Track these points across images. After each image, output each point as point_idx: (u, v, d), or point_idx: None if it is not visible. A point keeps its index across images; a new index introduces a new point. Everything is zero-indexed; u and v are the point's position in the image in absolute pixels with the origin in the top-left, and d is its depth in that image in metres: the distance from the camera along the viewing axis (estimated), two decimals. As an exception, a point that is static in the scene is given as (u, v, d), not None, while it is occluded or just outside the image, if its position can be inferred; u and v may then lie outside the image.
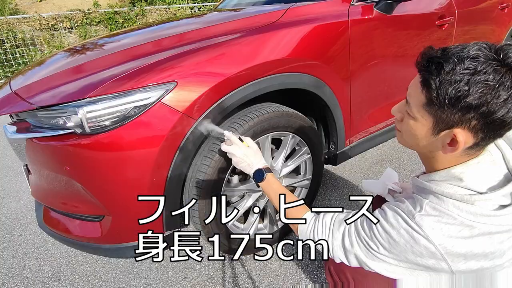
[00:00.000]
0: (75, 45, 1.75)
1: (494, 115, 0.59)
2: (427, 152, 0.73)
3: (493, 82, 0.57)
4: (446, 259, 0.66)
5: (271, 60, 1.28)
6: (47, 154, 1.14)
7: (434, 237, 0.65)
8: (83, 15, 7.39)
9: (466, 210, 0.64)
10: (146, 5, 8.32)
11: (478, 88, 0.57)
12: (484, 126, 0.61)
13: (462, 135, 0.63)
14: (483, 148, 0.68)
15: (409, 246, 0.69)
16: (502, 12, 2.59)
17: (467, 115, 0.60)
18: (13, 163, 2.80)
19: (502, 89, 0.57)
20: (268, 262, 1.52)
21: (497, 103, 0.57)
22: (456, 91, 0.59)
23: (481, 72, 0.57)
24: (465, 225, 0.64)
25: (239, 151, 1.08)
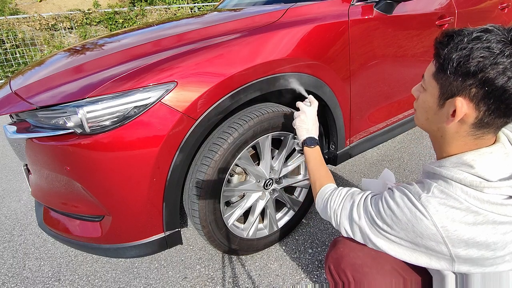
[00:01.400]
0: (75, 45, 1.75)
1: (493, 83, 0.59)
2: (436, 130, 0.73)
3: (494, 50, 0.58)
4: (446, 243, 0.66)
5: (271, 60, 1.28)
6: (47, 154, 1.14)
7: (437, 219, 0.65)
8: (83, 15, 7.39)
9: (473, 196, 0.64)
10: (146, 5, 8.32)
11: (478, 54, 0.59)
12: (484, 96, 0.61)
13: (462, 103, 0.64)
14: (491, 132, 0.67)
15: (410, 225, 0.69)
16: (502, 12, 2.58)
17: (467, 81, 0.62)
18: (13, 163, 2.80)
19: (501, 57, 0.58)
20: (268, 262, 1.52)
21: (496, 70, 0.58)
22: (458, 56, 0.62)
23: (485, 41, 0.60)
24: (471, 211, 0.64)
25: (310, 113, 1.19)
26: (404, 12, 1.74)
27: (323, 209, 0.95)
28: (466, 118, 0.65)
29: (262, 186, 1.45)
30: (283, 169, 1.50)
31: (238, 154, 1.27)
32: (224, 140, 1.23)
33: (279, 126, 1.36)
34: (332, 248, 0.98)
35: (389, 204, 0.74)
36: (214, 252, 1.60)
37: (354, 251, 0.93)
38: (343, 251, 0.94)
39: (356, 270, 0.88)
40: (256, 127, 1.29)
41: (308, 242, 1.63)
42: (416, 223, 0.68)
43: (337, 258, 0.94)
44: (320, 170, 1.06)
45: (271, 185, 1.49)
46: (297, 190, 1.68)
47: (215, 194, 1.27)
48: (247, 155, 1.33)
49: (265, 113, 1.31)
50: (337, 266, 0.92)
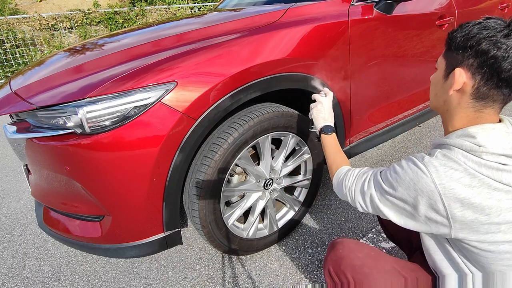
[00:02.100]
0: (75, 45, 1.75)
1: (486, 54, 0.69)
2: (443, 104, 0.82)
3: (490, 29, 0.70)
4: (443, 200, 0.69)
5: (271, 60, 1.28)
6: (47, 154, 1.14)
7: (436, 176, 0.70)
8: (83, 15, 7.39)
9: (472, 160, 0.70)
10: (146, 5, 8.31)
11: (476, 31, 0.71)
12: (479, 66, 0.71)
13: (460, 72, 0.74)
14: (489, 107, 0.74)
15: (412, 183, 0.73)
16: (502, 12, 2.59)
17: (466, 53, 0.73)
18: (13, 163, 2.80)
19: (495, 32, 0.69)
20: (268, 262, 1.52)
21: (489, 43, 0.69)
22: (461, 35, 0.74)
23: (484, 23, 0.71)
24: (468, 173, 0.69)
25: (326, 103, 1.25)
26: (404, 12, 1.74)
27: (339, 189, 0.99)
28: (465, 87, 0.74)
29: (262, 186, 1.45)
30: (283, 169, 1.50)
31: (238, 154, 1.28)
32: (224, 140, 1.23)
33: (279, 126, 1.36)
34: (331, 250, 0.98)
35: (395, 169, 0.80)
36: (214, 252, 1.61)
37: (353, 252, 0.93)
38: (342, 253, 0.94)
39: (356, 271, 0.88)
40: (256, 127, 1.29)
41: (308, 242, 1.63)
42: (417, 181, 0.72)
43: (336, 259, 0.94)
44: (337, 155, 1.11)
45: (271, 185, 1.49)
46: (297, 190, 1.68)
47: (215, 194, 1.27)
48: (247, 155, 1.33)
49: (265, 113, 1.31)
50: (337, 268, 0.92)
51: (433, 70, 2.06)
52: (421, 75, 2.01)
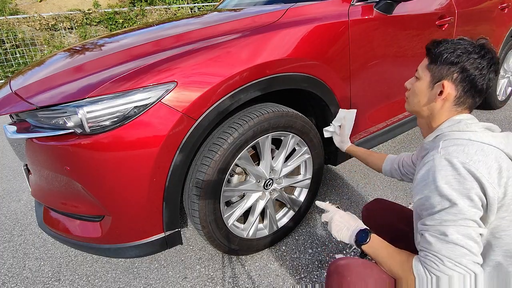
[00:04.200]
0: (75, 45, 1.75)
1: (468, 70, 0.86)
2: (425, 109, 0.94)
3: (469, 48, 0.87)
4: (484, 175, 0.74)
5: (271, 61, 1.28)
6: (47, 154, 1.14)
7: (462, 156, 0.76)
8: (83, 15, 7.39)
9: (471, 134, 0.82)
10: (146, 5, 8.31)
11: (459, 49, 0.87)
12: (462, 80, 0.87)
13: (447, 85, 0.88)
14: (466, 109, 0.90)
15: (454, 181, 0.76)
16: (502, 12, 2.59)
17: (451, 68, 0.88)
18: (13, 163, 2.80)
19: (472, 54, 0.86)
20: (268, 262, 1.52)
21: (469, 62, 0.86)
22: (447, 51, 0.89)
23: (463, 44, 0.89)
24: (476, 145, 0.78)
25: (336, 215, 1.04)
26: (404, 12, 1.74)
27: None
28: (448, 96, 0.89)
29: (262, 186, 1.45)
30: (283, 169, 1.50)
31: (238, 154, 1.28)
32: (224, 140, 1.23)
33: (279, 126, 1.36)
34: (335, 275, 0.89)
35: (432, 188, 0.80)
36: (214, 252, 1.61)
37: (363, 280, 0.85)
38: (350, 280, 0.86)
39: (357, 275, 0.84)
40: (256, 127, 1.29)
41: (308, 242, 1.63)
42: (460, 179, 0.75)
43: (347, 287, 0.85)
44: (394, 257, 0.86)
45: (271, 185, 1.49)
46: (297, 190, 1.68)
47: (215, 194, 1.27)
48: (247, 155, 1.33)
49: (265, 113, 1.31)
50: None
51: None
52: (421, 75, 2.01)
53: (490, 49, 0.88)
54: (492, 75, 0.87)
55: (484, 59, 0.85)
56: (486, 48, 0.87)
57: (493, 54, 0.87)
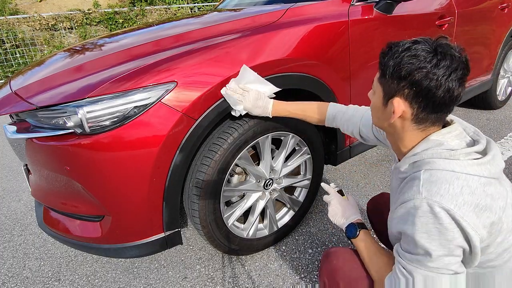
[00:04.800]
0: (75, 45, 1.75)
1: (419, 84, 0.72)
2: (387, 127, 0.84)
3: (420, 57, 0.71)
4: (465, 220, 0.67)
5: (271, 61, 1.29)
6: (47, 154, 1.14)
7: (446, 202, 0.68)
8: (83, 15, 7.39)
9: (455, 164, 0.72)
10: (146, 5, 8.31)
11: (407, 60, 0.72)
12: (415, 95, 0.73)
13: (398, 102, 0.76)
14: (432, 125, 0.77)
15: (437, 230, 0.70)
16: (502, 12, 2.59)
17: (401, 83, 0.74)
18: (13, 163, 2.80)
19: (425, 63, 0.71)
20: (268, 262, 1.52)
21: (421, 74, 0.71)
22: (394, 63, 0.75)
23: (413, 50, 0.73)
24: (462, 180, 0.70)
25: (334, 200, 1.09)
26: (404, 12, 1.74)
27: None
28: (404, 115, 0.77)
29: (262, 186, 1.45)
30: (283, 169, 1.50)
31: (238, 154, 1.27)
32: (224, 140, 1.23)
33: (279, 126, 1.36)
34: (325, 261, 0.97)
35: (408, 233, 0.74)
36: (214, 252, 1.60)
37: (348, 263, 0.91)
38: (336, 264, 0.93)
39: (351, 284, 0.87)
40: (256, 127, 1.29)
41: (308, 242, 1.63)
42: (441, 229, 0.68)
43: (331, 271, 0.93)
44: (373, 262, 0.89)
45: (271, 185, 1.49)
46: (297, 190, 1.68)
47: (215, 194, 1.27)
48: (247, 155, 1.33)
49: (265, 113, 1.31)
50: (331, 279, 0.91)
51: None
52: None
53: (448, 52, 0.71)
54: (455, 83, 0.70)
55: (439, 67, 0.70)
56: (443, 52, 0.71)
57: (453, 57, 0.71)
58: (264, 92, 1.22)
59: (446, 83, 0.70)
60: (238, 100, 1.18)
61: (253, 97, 1.18)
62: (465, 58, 0.73)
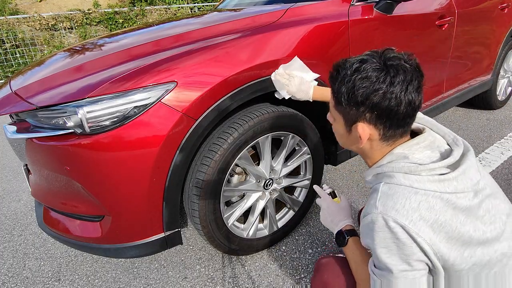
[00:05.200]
0: (75, 45, 1.75)
1: (379, 106, 0.69)
2: (356, 149, 0.82)
3: (372, 78, 0.68)
4: (417, 236, 0.65)
5: (271, 61, 1.28)
6: (47, 154, 1.14)
7: (400, 218, 0.66)
8: (83, 15, 7.39)
9: (414, 180, 0.70)
10: (146, 5, 8.31)
11: (360, 85, 0.69)
12: (378, 117, 0.71)
13: (362, 127, 0.74)
14: (399, 137, 0.76)
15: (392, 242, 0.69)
16: (502, 12, 2.58)
17: (360, 109, 0.72)
18: (13, 163, 2.80)
19: (379, 84, 0.68)
20: (268, 262, 1.52)
21: (378, 96, 0.68)
22: (346, 90, 0.72)
23: (363, 71, 0.69)
24: (420, 195, 0.68)
25: (323, 203, 1.06)
26: (404, 12, 1.74)
27: None
28: (372, 137, 0.75)
29: (262, 186, 1.45)
30: (283, 169, 1.50)
31: (238, 154, 1.27)
32: (224, 140, 1.23)
33: (279, 126, 1.36)
34: (317, 273, 0.96)
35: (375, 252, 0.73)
36: (214, 252, 1.60)
37: (338, 278, 0.90)
38: (327, 278, 0.92)
39: None
40: (256, 127, 1.29)
41: (308, 242, 1.63)
42: (399, 243, 0.68)
43: (322, 285, 0.92)
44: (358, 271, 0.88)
45: (271, 185, 1.49)
46: (297, 190, 1.68)
47: (215, 194, 1.27)
48: (247, 155, 1.33)
49: (265, 113, 1.31)
50: None
51: (433, 70, 2.07)
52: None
53: (399, 66, 0.69)
54: (414, 95, 0.69)
55: (394, 85, 0.67)
56: (394, 67, 0.69)
57: (405, 69, 0.68)
58: (306, 79, 1.28)
59: (405, 98, 0.68)
60: (285, 85, 1.24)
61: (298, 82, 1.24)
62: (416, 64, 0.71)
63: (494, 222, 0.70)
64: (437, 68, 2.12)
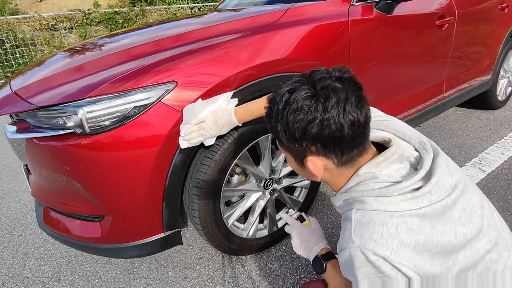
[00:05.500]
0: (75, 45, 1.75)
1: (320, 137, 0.63)
2: (316, 179, 0.76)
3: (304, 108, 0.62)
4: (399, 266, 0.60)
5: (271, 61, 1.28)
6: (47, 154, 1.14)
7: (380, 249, 0.60)
8: (83, 15, 7.40)
9: (387, 202, 0.64)
10: (146, 5, 8.31)
11: (294, 119, 0.63)
12: (325, 148, 0.65)
13: (312, 161, 0.68)
14: (359, 157, 0.68)
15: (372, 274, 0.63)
16: (502, 12, 2.59)
17: (303, 144, 0.65)
18: (13, 163, 2.80)
19: (313, 113, 0.61)
20: (268, 262, 1.52)
21: (316, 125, 0.61)
22: (282, 127, 0.65)
23: (294, 102, 0.63)
24: (396, 217, 0.62)
25: (294, 231, 0.98)
26: (404, 12, 1.74)
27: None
28: (327, 167, 0.69)
29: (262, 186, 1.45)
30: (283, 169, 1.50)
31: (238, 154, 1.27)
32: (224, 140, 1.23)
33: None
34: None
35: None
36: (214, 252, 1.60)
37: None
38: None
39: None
40: (257, 127, 1.29)
41: (308, 242, 1.63)
42: (383, 277, 0.62)
43: None
44: None
45: (271, 185, 1.49)
46: (297, 190, 1.68)
47: (215, 194, 1.27)
48: (247, 155, 1.33)
49: (265, 113, 1.31)
50: None
51: (433, 70, 2.06)
52: (421, 76, 2.01)
53: (329, 87, 0.62)
54: (355, 113, 0.62)
55: (328, 110, 0.60)
56: (324, 89, 0.62)
57: (336, 89, 0.61)
58: (219, 108, 1.12)
59: (346, 120, 0.61)
60: (202, 136, 1.10)
61: (212, 122, 1.09)
62: (349, 78, 0.64)
63: (471, 221, 0.65)
64: (437, 68, 2.12)
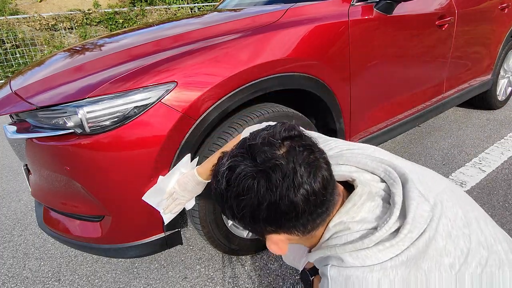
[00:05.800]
0: (75, 45, 1.75)
1: (273, 219, 0.56)
2: None
3: (249, 192, 0.54)
4: None
5: (271, 61, 1.28)
6: (47, 154, 1.14)
7: None
8: (83, 15, 7.40)
9: (364, 257, 0.57)
10: (146, 5, 8.31)
11: (239, 204, 0.56)
12: (281, 226, 0.58)
13: (273, 239, 0.61)
14: (326, 215, 0.61)
15: None
16: (502, 12, 2.59)
17: (258, 227, 0.59)
18: (13, 163, 2.80)
19: (258, 195, 0.54)
20: (268, 262, 1.52)
21: (263, 209, 0.54)
22: (230, 212, 0.58)
23: (236, 185, 0.55)
24: (376, 271, 0.56)
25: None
26: (404, 12, 1.74)
27: None
28: (292, 239, 0.62)
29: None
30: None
31: (238, 154, 1.27)
32: (224, 140, 1.23)
33: (279, 126, 1.36)
34: None
35: None
36: (214, 252, 1.60)
37: None
38: None
39: None
40: (256, 127, 1.29)
41: (308, 242, 1.63)
42: None
43: None
44: None
45: (271, 185, 1.48)
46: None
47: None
48: (247, 155, 1.33)
49: (265, 113, 1.31)
50: None
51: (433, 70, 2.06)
52: (421, 75, 2.01)
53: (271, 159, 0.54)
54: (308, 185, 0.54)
55: (273, 190, 0.53)
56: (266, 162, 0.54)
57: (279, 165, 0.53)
58: (183, 175, 1.08)
59: (298, 195, 0.53)
60: (180, 204, 1.09)
61: (181, 190, 1.05)
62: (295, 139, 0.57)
63: (458, 245, 0.58)
64: (437, 68, 2.12)
